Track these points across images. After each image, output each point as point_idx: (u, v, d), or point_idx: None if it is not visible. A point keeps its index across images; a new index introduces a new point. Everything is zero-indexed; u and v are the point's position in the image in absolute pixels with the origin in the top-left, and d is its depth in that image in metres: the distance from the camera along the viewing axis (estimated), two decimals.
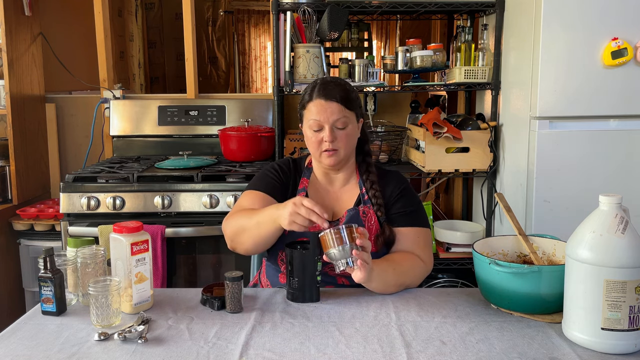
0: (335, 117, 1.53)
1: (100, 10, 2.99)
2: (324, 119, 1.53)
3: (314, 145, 1.56)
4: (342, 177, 1.64)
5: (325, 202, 1.62)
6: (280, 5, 2.50)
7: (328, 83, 1.57)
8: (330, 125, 1.53)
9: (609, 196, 1.15)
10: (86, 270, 1.38)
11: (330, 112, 1.53)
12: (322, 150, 1.55)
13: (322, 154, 1.56)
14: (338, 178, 1.65)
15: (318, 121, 1.54)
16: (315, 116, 1.54)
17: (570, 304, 1.18)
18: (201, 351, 1.15)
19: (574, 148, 2.15)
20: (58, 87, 3.23)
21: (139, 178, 2.37)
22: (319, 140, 1.55)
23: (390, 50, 6.18)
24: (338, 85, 1.57)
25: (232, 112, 2.95)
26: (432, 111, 2.54)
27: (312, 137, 1.55)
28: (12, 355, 1.15)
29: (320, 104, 1.54)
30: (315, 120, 1.54)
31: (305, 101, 1.58)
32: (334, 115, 1.53)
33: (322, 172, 1.65)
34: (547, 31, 2.08)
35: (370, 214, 1.57)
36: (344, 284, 1.56)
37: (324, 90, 1.55)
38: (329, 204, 1.62)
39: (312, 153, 1.59)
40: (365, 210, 1.58)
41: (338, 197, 1.64)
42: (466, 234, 2.54)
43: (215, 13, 6.24)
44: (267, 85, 7.26)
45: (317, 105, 1.54)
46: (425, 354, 1.14)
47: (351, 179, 1.65)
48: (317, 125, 1.54)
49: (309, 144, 1.58)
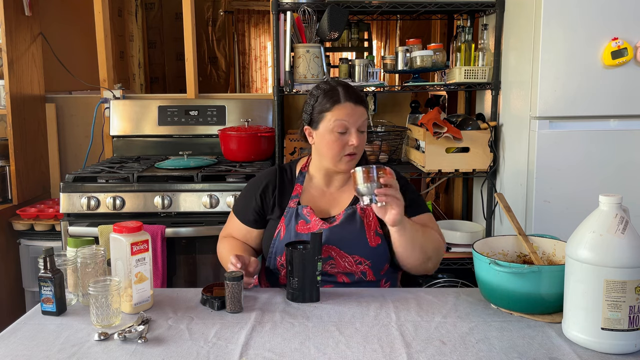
0: (361, 120, 1.56)
1: (100, 10, 2.99)
2: (352, 122, 1.54)
3: (337, 148, 1.55)
4: (341, 178, 1.65)
5: (320, 205, 1.63)
6: (280, 5, 2.50)
7: (349, 87, 1.59)
8: (357, 129, 1.55)
9: (609, 196, 1.15)
10: (86, 270, 1.38)
11: (358, 115, 1.55)
12: (345, 154, 1.55)
13: (343, 158, 1.56)
14: (337, 179, 1.66)
15: (347, 123, 1.54)
16: (344, 118, 1.53)
17: (570, 304, 1.18)
18: (201, 351, 1.15)
19: (574, 148, 2.15)
20: (58, 87, 3.23)
21: (139, 178, 2.37)
22: (343, 143, 1.55)
23: (390, 50, 6.18)
24: (359, 92, 1.60)
25: (232, 112, 2.95)
26: (432, 111, 2.54)
27: (337, 140, 1.55)
28: (12, 355, 1.15)
29: (350, 107, 1.54)
30: (343, 122, 1.53)
31: (329, 105, 1.55)
32: (361, 118, 1.55)
33: (323, 174, 1.65)
34: (547, 31, 2.08)
35: (368, 210, 1.58)
36: (344, 282, 1.56)
37: (354, 95, 1.57)
38: (323, 205, 1.63)
39: (332, 157, 1.57)
40: (363, 207, 1.58)
41: (335, 198, 1.65)
42: (466, 234, 2.54)
43: (215, 13, 6.24)
44: (267, 85, 7.26)
45: (347, 107, 1.54)
46: (425, 354, 1.14)
47: (349, 178, 1.65)
48: (344, 128, 1.54)
49: (330, 147, 1.56)
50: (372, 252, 1.55)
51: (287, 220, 1.59)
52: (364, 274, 1.56)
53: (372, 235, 1.56)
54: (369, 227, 1.56)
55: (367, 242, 1.55)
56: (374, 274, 1.57)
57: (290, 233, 1.57)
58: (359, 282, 1.56)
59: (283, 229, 1.59)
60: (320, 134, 1.58)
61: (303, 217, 1.58)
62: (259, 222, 1.66)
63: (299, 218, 1.58)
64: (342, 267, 1.54)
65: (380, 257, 1.56)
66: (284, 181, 1.67)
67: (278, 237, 1.59)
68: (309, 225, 1.57)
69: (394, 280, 1.65)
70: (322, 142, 1.58)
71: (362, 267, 1.55)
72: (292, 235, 1.57)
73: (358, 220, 1.57)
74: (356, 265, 1.54)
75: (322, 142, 1.58)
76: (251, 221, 1.66)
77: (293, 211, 1.60)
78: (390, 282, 1.63)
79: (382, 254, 1.57)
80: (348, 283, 1.56)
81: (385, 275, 1.61)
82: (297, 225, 1.58)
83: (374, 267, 1.56)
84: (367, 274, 1.56)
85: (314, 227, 1.56)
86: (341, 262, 1.54)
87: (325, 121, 1.56)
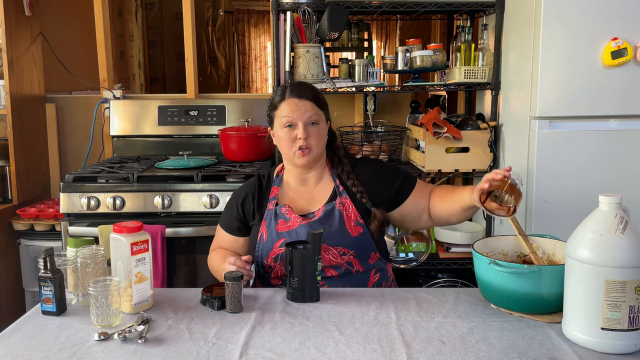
0: (308, 114, 1.59)
1: (100, 10, 2.99)
2: (298, 117, 1.58)
3: (287, 143, 1.60)
4: (314, 176, 1.68)
5: (297, 204, 1.65)
6: (280, 5, 2.50)
7: (298, 84, 1.65)
8: (304, 123, 1.58)
9: (609, 196, 1.15)
10: (86, 270, 1.38)
11: (304, 109, 1.59)
12: (296, 149, 1.59)
13: (296, 152, 1.59)
14: (311, 177, 1.68)
15: (291, 118, 1.58)
16: (288, 114, 1.58)
17: (570, 304, 1.18)
18: (201, 351, 1.15)
19: (574, 148, 2.15)
20: (58, 87, 3.23)
21: (139, 178, 2.37)
22: (292, 137, 1.59)
23: (390, 50, 6.18)
24: (309, 87, 1.65)
25: (232, 112, 2.95)
26: (432, 111, 2.53)
27: (285, 135, 1.59)
28: (12, 355, 1.15)
29: (293, 102, 1.59)
30: (288, 117, 1.58)
31: (276, 102, 1.62)
32: (307, 112, 1.59)
33: (295, 174, 1.68)
34: (547, 31, 2.08)
35: (347, 203, 1.61)
36: (332, 276, 1.58)
37: (296, 90, 1.62)
38: (302, 205, 1.66)
39: (285, 153, 1.62)
40: (342, 201, 1.62)
41: (312, 196, 1.67)
42: (466, 234, 2.54)
43: (215, 13, 6.24)
44: (267, 85, 7.26)
45: (290, 103, 1.60)
46: (425, 354, 1.14)
47: (324, 175, 1.69)
48: (289, 122, 1.58)
49: (282, 143, 1.61)
50: (354, 241, 1.57)
51: (267, 222, 1.62)
52: (351, 265, 1.58)
53: (352, 225, 1.58)
54: (348, 219, 1.59)
55: (348, 233, 1.57)
56: (360, 263, 1.59)
57: (272, 234, 1.59)
58: (347, 273, 1.58)
59: (265, 231, 1.61)
60: (275, 132, 1.65)
61: (282, 216, 1.61)
62: (243, 229, 1.70)
63: (278, 218, 1.61)
64: (328, 261, 1.56)
65: (363, 245, 1.59)
66: (262, 188, 1.70)
67: (261, 240, 1.61)
68: (288, 223, 1.59)
69: (383, 272, 1.66)
70: (277, 140, 1.65)
71: (346, 258, 1.57)
72: (273, 236, 1.59)
73: (337, 214, 1.59)
74: (340, 257, 1.57)
75: (277, 139, 1.64)
76: (235, 229, 1.71)
77: (272, 212, 1.63)
78: (380, 273, 1.65)
79: (365, 242, 1.59)
80: (337, 276, 1.58)
81: (375, 266, 1.63)
82: (277, 225, 1.60)
83: (359, 256, 1.59)
84: (354, 263, 1.58)
85: (293, 224, 1.59)
86: (326, 255, 1.56)
87: (276, 120, 1.63)
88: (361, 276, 1.60)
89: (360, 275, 1.60)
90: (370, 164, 1.72)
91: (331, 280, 1.57)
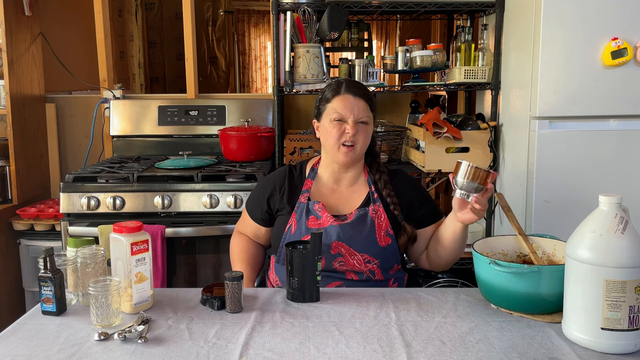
0: (361, 113, 1.59)
1: (100, 10, 2.99)
2: (349, 113, 1.58)
3: (334, 136, 1.59)
4: (350, 177, 1.67)
5: (329, 202, 1.64)
6: (280, 5, 2.50)
7: (354, 82, 1.65)
8: (354, 120, 1.58)
9: (609, 196, 1.15)
10: (86, 270, 1.38)
11: (357, 107, 1.59)
12: (342, 142, 1.58)
13: (341, 147, 1.59)
14: (346, 177, 1.67)
15: (343, 114, 1.58)
16: (341, 109, 1.58)
17: (570, 304, 1.18)
18: (201, 351, 1.15)
19: (574, 148, 2.15)
20: (58, 87, 3.23)
21: (139, 178, 2.37)
22: (341, 131, 1.58)
23: (390, 50, 6.18)
24: (363, 87, 1.65)
25: (232, 112, 2.95)
26: (432, 111, 2.53)
27: (334, 128, 1.59)
28: (12, 355, 1.15)
29: (348, 99, 1.60)
30: (340, 112, 1.58)
31: (329, 95, 1.62)
32: (360, 111, 1.59)
33: (330, 172, 1.67)
34: (547, 31, 2.08)
35: (380, 211, 1.61)
36: (353, 280, 1.57)
37: (353, 88, 1.62)
38: (332, 203, 1.64)
39: (330, 146, 1.61)
40: (375, 209, 1.61)
41: (345, 197, 1.66)
42: None
43: (215, 13, 6.24)
44: (267, 85, 7.26)
45: (344, 99, 1.60)
46: (425, 354, 1.14)
47: (359, 178, 1.68)
48: (340, 117, 1.58)
49: (328, 136, 1.60)
50: (381, 251, 1.57)
51: (297, 215, 1.61)
52: (372, 273, 1.58)
53: (382, 235, 1.58)
54: (379, 227, 1.58)
55: (376, 242, 1.57)
56: (382, 273, 1.59)
57: (301, 228, 1.59)
58: (368, 280, 1.58)
59: (294, 224, 1.61)
60: (322, 125, 1.64)
61: (314, 212, 1.60)
62: (267, 221, 1.72)
63: (310, 214, 1.60)
64: (351, 265, 1.56)
65: (389, 257, 1.59)
66: (293, 179, 1.69)
67: (289, 232, 1.61)
68: (319, 220, 1.59)
69: (401, 282, 1.67)
70: (323, 133, 1.63)
71: (370, 266, 1.57)
72: (302, 231, 1.58)
73: (369, 221, 1.59)
74: (365, 264, 1.56)
75: (323, 132, 1.63)
76: (259, 219, 1.73)
77: (304, 207, 1.62)
78: (398, 283, 1.65)
79: (391, 254, 1.59)
80: (357, 281, 1.57)
81: (394, 276, 1.63)
82: (307, 220, 1.59)
83: (383, 266, 1.58)
84: (376, 272, 1.58)
85: (324, 223, 1.58)
86: (350, 260, 1.55)
87: (326, 112, 1.62)
88: (380, 284, 1.60)
89: (379, 284, 1.60)
90: (407, 179, 1.72)
91: (350, 282, 1.57)
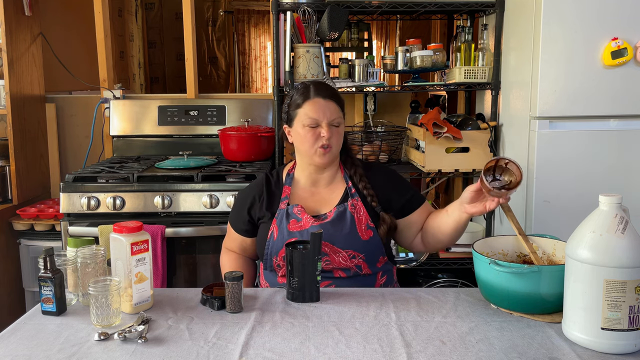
0: (333, 115, 1.60)
1: (100, 10, 2.99)
2: (322, 116, 1.59)
3: (309, 141, 1.59)
4: (327, 177, 1.68)
5: (309, 204, 1.65)
6: (280, 5, 2.50)
7: (321, 83, 1.66)
8: (328, 123, 1.59)
9: (609, 196, 1.15)
10: (86, 270, 1.38)
11: (329, 110, 1.60)
12: (319, 146, 1.59)
13: (318, 150, 1.59)
14: (323, 178, 1.68)
15: (316, 119, 1.58)
16: (313, 114, 1.59)
17: (570, 304, 1.18)
18: (201, 351, 1.15)
19: (574, 148, 2.15)
20: (58, 87, 3.23)
21: (139, 178, 2.37)
22: (316, 135, 1.59)
23: (390, 50, 6.18)
24: (331, 87, 1.66)
25: (232, 112, 2.95)
26: (432, 111, 2.53)
27: (308, 133, 1.59)
28: (12, 355, 1.15)
29: (319, 102, 1.60)
30: (312, 118, 1.58)
31: (300, 100, 1.62)
32: (332, 114, 1.60)
33: (307, 174, 1.69)
34: (547, 31, 2.08)
35: (359, 205, 1.62)
36: (341, 277, 1.58)
37: (322, 91, 1.62)
38: (312, 205, 1.66)
39: (305, 151, 1.62)
40: (353, 203, 1.62)
41: (323, 197, 1.67)
42: (466, 234, 2.52)
43: (215, 13, 6.24)
44: (267, 85, 7.26)
45: (315, 103, 1.60)
46: (425, 354, 1.14)
47: (336, 176, 1.69)
48: (314, 122, 1.59)
49: (304, 141, 1.61)
50: (364, 245, 1.58)
51: (278, 221, 1.62)
52: (359, 268, 1.58)
53: (363, 229, 1.59)
54: (359, 222, 1.59)
55: (358, 236, 1.58)
56: (369, 266, 1.60)
57: (283, 233, 1.60)
58: (355, 276, 1.59)
59: (276, 230, 1.61)
60: (295, 131, 1.64)
61: (294, 216, 1.61)
62: (251, 232, 1.72)
63: (290, 217, 1.61)
64: (337, 263, 1.57)
65: (373, 249, 1.60)
66: (270, 187, 1.70)
67: (272, 238, 1.61)
68: (300, 223, 1.60)
69: (390, 274, 1.68)
70: (297, 138, 1.63)
71: (356, 261, 1.58)
72: (284, 235, 1.59)
73: (349, 216, 1.60)
74: (350, 260, 1.57)
75: (297, 137, 1.63)
76: (243, 230, 1.73)
77: (284, 212, 1.63)
78: (387, 275, 1.66)
79: (375, 247, 1.60)
80: (345, 278, 1.58)
81: (382, 269, 1.64)
82: (288, 224, 1.60)
83: (368, 260, 1.59)
84: (362, 267, 1.59)
85: (305, 224, 1.59)
86: (335, 257, 1.56)
87: (298, 117, 1.62)
88: (369, 278, 1.61)
89: (367, 278, 1.61)
90: (383, 171, 1.73)
91: (339, 280, 1.58)
